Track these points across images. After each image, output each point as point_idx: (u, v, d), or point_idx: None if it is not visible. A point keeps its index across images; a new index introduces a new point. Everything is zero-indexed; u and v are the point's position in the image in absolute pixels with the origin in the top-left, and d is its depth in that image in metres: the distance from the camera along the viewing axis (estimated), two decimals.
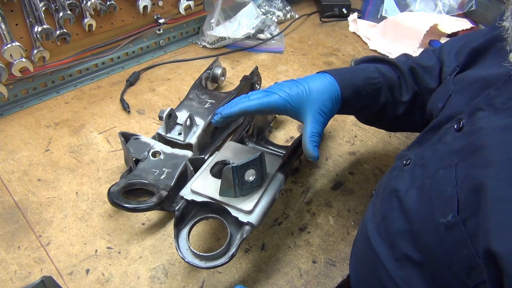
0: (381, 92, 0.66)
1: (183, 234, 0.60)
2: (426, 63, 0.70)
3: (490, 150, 0.42)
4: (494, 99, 0.46)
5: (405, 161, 0.56)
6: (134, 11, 1.04)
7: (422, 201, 0.48)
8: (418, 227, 0.47)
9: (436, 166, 0.49)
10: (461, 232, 0.40)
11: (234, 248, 0.58)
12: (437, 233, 0.43)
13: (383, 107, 0.68)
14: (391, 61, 0.70)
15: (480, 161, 0.42)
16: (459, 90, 0.56)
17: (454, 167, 0.45)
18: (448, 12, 1.23)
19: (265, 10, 1.30)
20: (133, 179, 0.72)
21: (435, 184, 0.47)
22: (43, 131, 0.88)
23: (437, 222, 0.43)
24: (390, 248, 0.50)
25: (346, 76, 0.64)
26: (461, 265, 0.40)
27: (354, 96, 0.64)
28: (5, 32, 0.83)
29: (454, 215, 0.41)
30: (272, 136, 0.90)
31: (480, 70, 0.56)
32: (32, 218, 0.71)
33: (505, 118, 0.43)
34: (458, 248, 0.40)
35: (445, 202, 0.44)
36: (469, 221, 0.40)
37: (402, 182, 0.53)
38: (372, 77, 0.65)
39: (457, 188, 0.43)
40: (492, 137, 0.43)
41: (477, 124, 0.46)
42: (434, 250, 0.44)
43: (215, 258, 0.58)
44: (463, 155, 0.45)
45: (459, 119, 0.49)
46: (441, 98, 0.59)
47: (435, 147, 0.51)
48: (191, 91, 0.90)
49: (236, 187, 0.59)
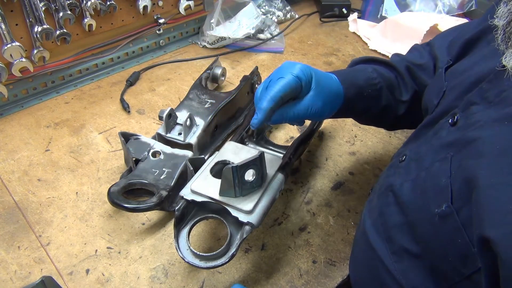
0: (382, 93, 0.66)
1: (183, 234, 0.60)
2: (420, 61, 0.70)
3: (483, 141, 0.42)
4: (487, 92, 0.46)
5: (400, 158, 0.56)
6: (134, 11, 1.04)
7: (417, 193, 0.48)
8: (414, 219, 0.47)
9: (431, 159, 0.49)
10: (455, 222, 0.41)
11: (234, 248, 0.58)
12: (432, 223, 0.44)
13: (384, 108, 0.67)
14: (387, 61, 0.70)
15: (473, 152, 0.43)
16: (452, 85, 0.56)
17: (449, 159, 0.46)
18: (448, 12, 1.23)
19: (265, 10, 1.30)
20: (133, 179, 0.72)
21: (430, 176, 0.48)
22: (43, 131, 0.88)
23: (431, 212, 0.44)
24: (387, 242, 0.50)
25: (349, 76, 0.64)
26: (456, 254, 0.41)
27: (356, 96, 0.63)
28: (5, 32, 0.83)
29: (448, 204, 0.42)
30: (272, 136, 0.90)
31: (472, 62, 0.56)
32: (32, 218, 0.71)
33: (498, 111, 0.43)
34: (453, 237, 0.41)
35: (439, 192, 0.44)
36: (462, 211, 0.41)
37: (398, 177, 0.54)
38: (372, 78, 0.65)
39: (451, 179, 0.44)
40: (485, 129, 0.43)
41: (471, 118, 0.46)
42: (430, 240, 0.45)
43: (215, 258, 0.58)
44: (457, 147, 0.46)
45: (453, 113, 0.50)
46: (435, 94, 0.59)
47: (430, 142, 0.52)
48: (191, 91, 0.90)
49: (236, 187, 0.59)
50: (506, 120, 0.42)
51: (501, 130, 0.42)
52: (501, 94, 0.44)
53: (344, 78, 0.62)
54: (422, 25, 1.14)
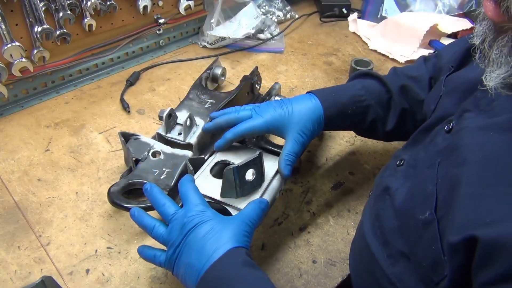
0: (368, 110, 0.70)
1: None
2: (415, 73, 0.73)
3: (467, 149, 0.43)
4: (480, 100, 0.47)
5: (398, 162, 0.57)
6: (134, 11, 1.04)
7: (408, 198, 0.49)
8: (403, 223, 0.48)
9: (423, 166, 0.50)
10: (434, 229, 0.42)
11: None
12: (416, 229, 0.45)
13: (372, 123, 0.71)
14: (382, 79, 0.72)
15: (458, 159, 0.43)
16: (449, 91, 0.56)
17: (436, 165, 0.46)
18: (448, 12, 1.23)
19: (265, 10, 1.30)
20: (133, 179, 0.72)
21: (419, 182, 0.48)
22: (43, 131, 0.88)
23: (417, 218, 0.45)
24: (384, 245, 0.51)
25: (331, 96, 0.69)
26: (430, 261, 0.42)
27: (338, 115, 0.68)
28: (5, 32, 0.83)
29: (431, 212, 0.43)
30: (272, 136, 0.90)
31: (469, 68, 0.56)
32: (32, 218, 0.71)
33: (486, 119, 0.44)
34: (429, 244, 0.42)
35: (425, 199, 0.45)
36: (443, 219, 0.41)
37: (395, 181, 0.54)
38: (358, 95, 0.69)
39: (437, 186, 0.44)
40: (470, 136, 0.44)
41: (461, 125, 0.47)
42: (415, 246, 0.45)
43: None
44: (445, 154, 0.46)
45: (449, 121, 0.50)
46: (433, 99, 0.60)
47: (427, 148, 0.52)
48: (191, 91, 0.90)
49: (237, 187, 0.60)
50: (491, 130, 0.42)
51: (485, 140, 0.42)
52: (491, 103, 0.44)
53: (326, 99, 0.68)
54: (422, 25, 1.14)
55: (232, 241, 0.51)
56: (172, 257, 0.53)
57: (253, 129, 0.67)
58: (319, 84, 1.06)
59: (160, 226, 0.56)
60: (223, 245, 0.50)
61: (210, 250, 0.50)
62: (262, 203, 0.57)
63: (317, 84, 1.06)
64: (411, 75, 0.73)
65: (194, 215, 0.53)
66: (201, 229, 0.52)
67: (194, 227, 0.52)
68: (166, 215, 0.56)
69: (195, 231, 0.52)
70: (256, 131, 0.67)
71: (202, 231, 0.52)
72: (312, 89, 0.71)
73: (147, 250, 0.57)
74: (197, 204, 0.55)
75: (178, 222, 0.54)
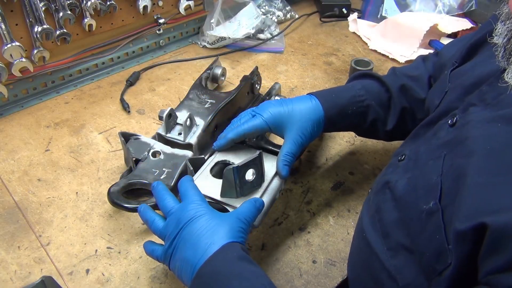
0: (369, 110, 0.70)
1: None
2: (414, 73, 0.74)
3: (474, 140, 0.43)
4: (485, 94, 0.47)
5: (400, 157, 0.57)
6: (134, 11, 1.04)
7: (410, 189, 0.49)
8: (405, 214, 0.48)
9: (427, 158, 0.50)
10: (438, 219, 0.42)
11: None
12: (419, 220, 0.45)
13: (372, 123, 0.71)
14: (381, 79, 0.73)
15: (464, 151, 0.43)
16: (454, 86, 0.57)
17: (442, 157, 0.47)
18: (448, 12, 1.23)
19: (265, 10, 1.30)
20: (133, 179, 0.72)
21: (423, 173, 0.48)
22: (43, 131, 0.88)
23: (420, 209, 0.45)
24: (384, 238, 0.51)
25: (331, 97, 0.69)
26: (433, 251, 0.42)
27: (338, 115, 0.68)
28: (5, 32, 0.83)
29: (435, 202, 0.43)
30: (272, 136, 0.90)
31: (474, 63, 0.57)
32: (32, 218, 0.71)
33: (493, 112, 0.44)
34: (433, 234, 0.42)
35: (429, 190, 0.45)
36: (447, 208, 0.42)
37: (395, 175, 0.54)
38: (358, 95, 0.70)
39: (442, 177, 0.45)
40: (477, 129, 0.44)
41: (467, 118, 0.47)
42: (417, 237, 0.45)
43: None
44: (451, 146, 0.47)
45: (453, 114, 0.51)
46: (438, 94, 0.60)
47: (430, 142, 0.52)
48: (191, 91, 0.90)
49: (238, 187, 0.60)
50: (499, 122, 0.43)
51: (493, 131, 0.42)
52: (498, 97, 0.45)
53: (326, 100, 0.68)
54: (422, 25, 1.14)
55: (227, 236, 0.51)
56: (168, 251, 0.53)
57: (254, 128, 0.67)
58: (319, 84, 1.06)
59: (159, 220, 0.57)
60: (218, 240, 0.51)
61: (205, 244, 0.50)
62: (257, 202, 0.57)
63: (317, 84, 1.06)
64: (410, 74, 0.73)
65: (190, 209, 0.54)
66: (196, 224, 0.52)
67: (189, 221, 0.53)
68: (165, 209, 0.57)
69: (190, 225, 0.52)
70: (258, 130, 0.67)
71: (197, 226, 0.52)
72: (312, 90, 0.71)
73: (149, 245, 0.58)
74: (194, 200, 0.55)
75: (175, 216, 0.54)
